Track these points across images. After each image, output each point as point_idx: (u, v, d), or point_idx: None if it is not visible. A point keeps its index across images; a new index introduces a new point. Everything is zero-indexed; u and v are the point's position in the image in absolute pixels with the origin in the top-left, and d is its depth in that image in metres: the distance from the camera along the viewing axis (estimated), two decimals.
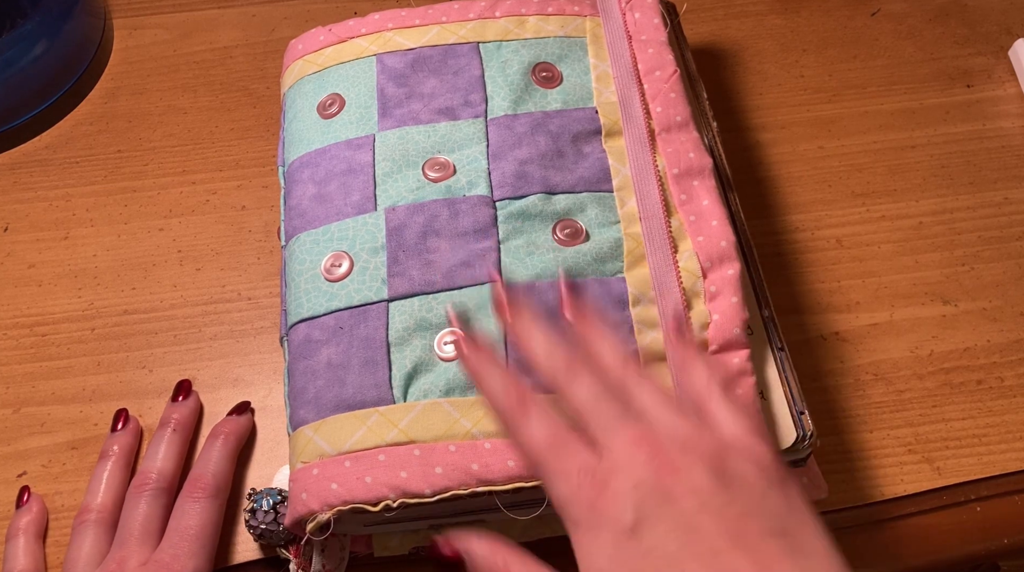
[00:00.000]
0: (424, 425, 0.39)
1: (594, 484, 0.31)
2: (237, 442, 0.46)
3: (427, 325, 0.41)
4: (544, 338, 0.34)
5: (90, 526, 0.42)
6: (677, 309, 0.41)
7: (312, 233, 0.44)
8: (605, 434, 0.32)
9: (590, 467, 0.32)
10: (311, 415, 0.40)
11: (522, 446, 0.33)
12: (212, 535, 0.42)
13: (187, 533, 0.41)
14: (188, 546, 0.41)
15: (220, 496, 0.43)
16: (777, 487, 0.31)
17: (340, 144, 0.47)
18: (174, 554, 0.40)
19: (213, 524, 0.42)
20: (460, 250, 0.43)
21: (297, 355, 0.42)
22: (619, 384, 0.33)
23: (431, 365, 0.40)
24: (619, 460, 0.31)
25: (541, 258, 0.42)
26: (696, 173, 0.45)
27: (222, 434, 0.45)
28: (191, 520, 0.42)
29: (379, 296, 0.42)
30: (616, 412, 0.32)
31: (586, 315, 0.36)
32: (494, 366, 0.35)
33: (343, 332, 0.41)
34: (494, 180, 0.45)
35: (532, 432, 0.33)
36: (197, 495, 0.42)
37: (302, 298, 0.43)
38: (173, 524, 0.42)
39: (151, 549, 0.41)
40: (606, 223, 0.44)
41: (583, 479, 0.31)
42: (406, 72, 0.48)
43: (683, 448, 0.31)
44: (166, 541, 0.41)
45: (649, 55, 0.49)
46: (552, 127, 0.46)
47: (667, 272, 0.42)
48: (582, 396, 0.33)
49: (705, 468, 0.31)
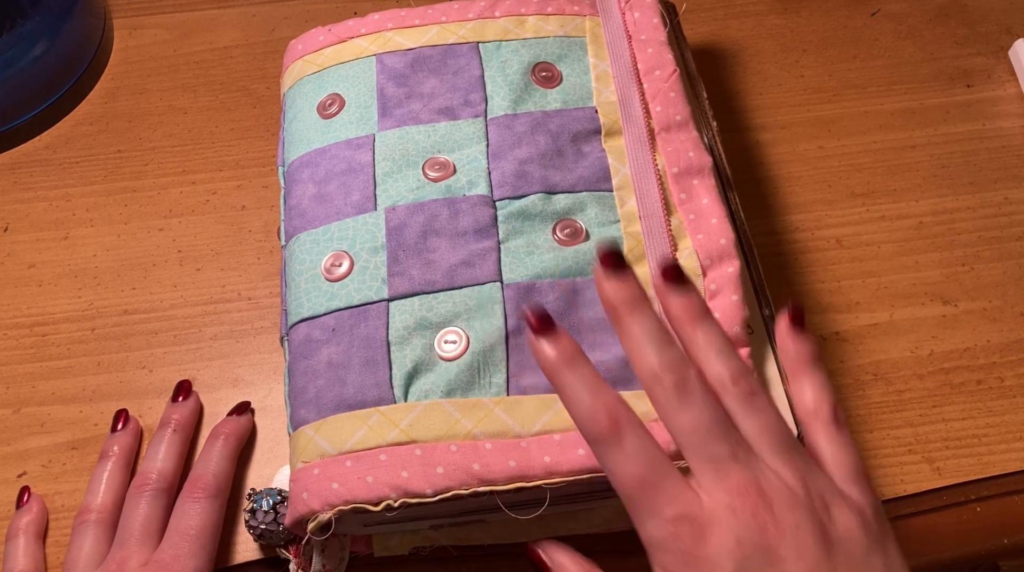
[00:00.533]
0: (425, 425, 0.39)
1: (693, 533, 0.29)
2: (238, 442, 0.46)
3: (427, 324, 0.41)
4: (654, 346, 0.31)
5: (90, 526, 0.42)
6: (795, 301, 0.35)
7: (312, 233, 0.44)
8: (708, 476, 0.30)
9: (690, 514, 0.29)
10: (312, 415, 0.40)
11: (612, 476, 0.30)
12: (213, 535, 0.42)
13: (188, 533, 0.41)
14: (189, 546, 0.41)
15: (221, 496, 0.43)
16: (878, 548, 0.30)
17: (340, 144, 0.47)
18: (175, 554, 0.40)
19: (214, 524, 0.42)
20: (460, 250, 0.43)
21: (297, 355, 0.42)
22: (729, 408, 0.31)
23: (432, 365, 0.40)
24: (721, 511, 0.29)
25: (541, 258, 0.42)
26: (696, 172, 0.45)
27: (222, 434, 0.45)
28: (192, 520, 0.42)
29: (379, 295, 0.42)
30: (723, 451, 0.30)
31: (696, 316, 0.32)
32: (582, 376, 0.31)
33: (343, 332, 0.41)
34: (494, 180, 0.45)
35: (626, 465, 0.30)
36: (197, 495, 0.42)
37: (302, 298, 0.43)
38: (173, 524, 0.42)
39: (151, 549, 0.41)
40: (606, 222, 0.44)
41: (681, 527, 0.29)
42: (406, 72, 0.48)
43: (791, 503, 0.29)
44: (166, 541, 0.41)
45: (649, 55, 0.49)
46: (552, 126, 0.46)
47: None
48: (689, 425, 0.30)
49: (812, 530, 0.29)
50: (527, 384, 0.40)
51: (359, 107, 0.48)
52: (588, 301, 0.41)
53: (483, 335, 0.40)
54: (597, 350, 0.40)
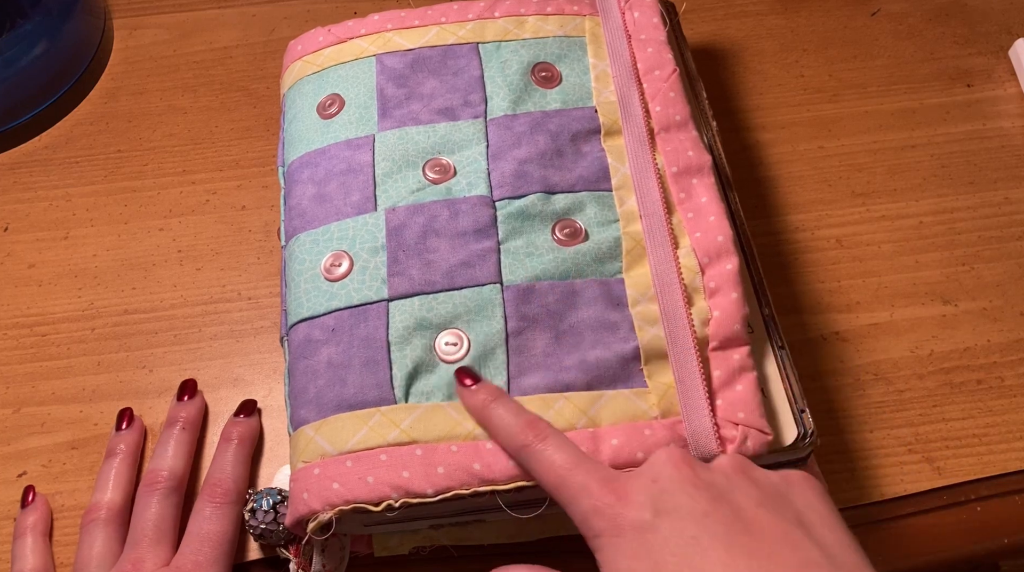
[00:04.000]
0: (426, 426, 0.39)
1: (616, 490, 0.33)
2: (251, 445, 0.46)
3: (427, 325, 0.41)
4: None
5: (100, 525, 0.42)
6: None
7: (312, 233, 0.44)
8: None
9: (611, 476, 0.34)
10: (312, 415, 0.40)
11: (543, 475, 0.35)
12: (232, 541, 0.42)
13: (208, 539, 0.41)
14: (211, 552, 0.40)
15: (239, 502, 0.43)
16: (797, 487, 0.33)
17: (340, 144, 0.47)
18: (196, 560, 0.40)
19: (234, 530, 0.42)
20: (460, 250, 0.43)
21: (297, 355, 0.42)
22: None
23: (432, 366, 0.40)
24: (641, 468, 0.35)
25: (540, 259, 0.42)
26: (695, 171, 0.45)
27: (235, 437, 0.45)
28: (213, 526, 0.41)
29: (379, 295, 0.42)
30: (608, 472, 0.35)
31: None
32: (507, 406, 0.37)
33: (343, 332, 0.41)
34: (494, 180, 0.45)
35: (552, 457, 0.35)
36: (218, 500, 0.42)
37: (302, 298, 0.43)
38: (194, 529, 0.41)
39: (165, 549, 0.41)
40: (605, 222, 0.44)
41: (603, 489, 0.33)
42: (406, 73, 0.48)
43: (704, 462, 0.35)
44: (187, 546, 0.41)
45: (648, 54, 0.49)
46: (551, 126, 0.46)
47: (668, 269, 0.42)
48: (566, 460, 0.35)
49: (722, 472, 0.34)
50: (528, 385, 0.40)
51: (359, 107, 0.48)
52: (587, 301, 0.41)
53: (483, 338, 0.40)
54: (598, 348, 0.40)
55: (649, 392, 0.39)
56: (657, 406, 0.39)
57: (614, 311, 0.41)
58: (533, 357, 0.40)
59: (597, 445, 0.37)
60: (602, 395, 0.39)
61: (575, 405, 0.39)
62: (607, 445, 0.37)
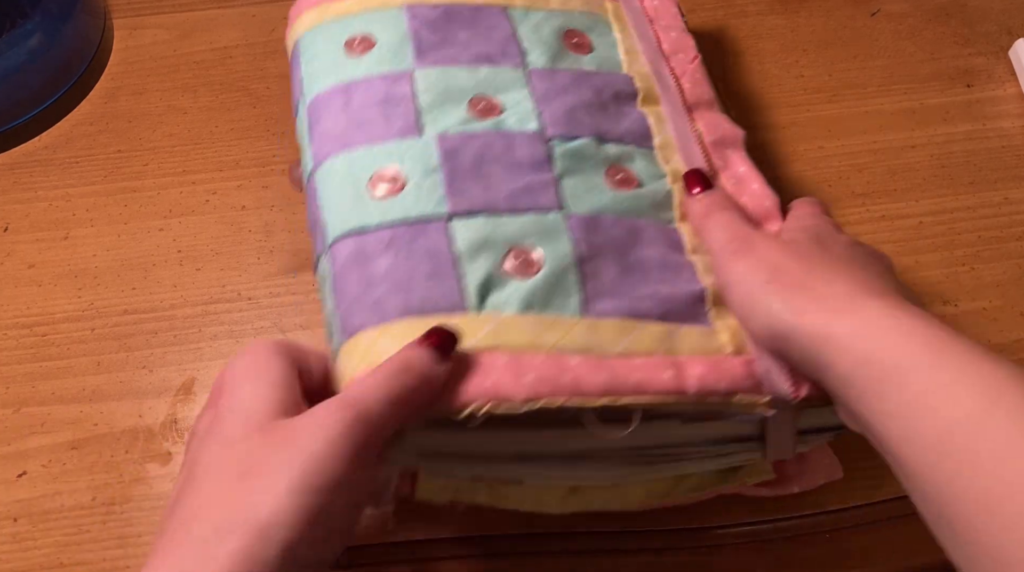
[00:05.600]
0: (507, 334, 0.37)
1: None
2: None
3: (494, 242, 0.40)
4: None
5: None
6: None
7: (351, 154, 0.43)
8: None
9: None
10: (373, 319, 0.37)
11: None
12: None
13: None
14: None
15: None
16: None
17: (374, 77, 0.45)
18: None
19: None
20: (519, 178, 0.42)
21: (348, 265, 0.40)
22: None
23: (504, 281, 0.39)
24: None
25: (601, 196, 0.42)
26: (730, 142, 0.46)
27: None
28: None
29: (439, 211, 0.40)
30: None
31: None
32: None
33: (400, 245, 0.40)
34: (546, 118, 0.44)
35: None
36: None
37: (347, 214, 0.41)
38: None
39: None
40: (655, 177, 0.44)
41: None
42: (439, 23, 0.47)
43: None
44: None
45: (672, 38, 0.50)
46: (594, 83, 0.46)
47: None
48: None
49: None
50: (603, 309, 0.38)
51: (391, 47, 0.46)
52: (650, 240, 0.41)
53: (554, 259, 0.39)
54: (666, 285, 0.40)
55: (719, 331, 0.39)
56: (730, 344, 0.38)
57: (677, 254, 0.41)
58: (605, 283, 0.39)
59: (680, 372, 0.37)
60: (678, 328, 0.38)
61: (652, 334, 0.38)
62: (691, 374, 0.37)
